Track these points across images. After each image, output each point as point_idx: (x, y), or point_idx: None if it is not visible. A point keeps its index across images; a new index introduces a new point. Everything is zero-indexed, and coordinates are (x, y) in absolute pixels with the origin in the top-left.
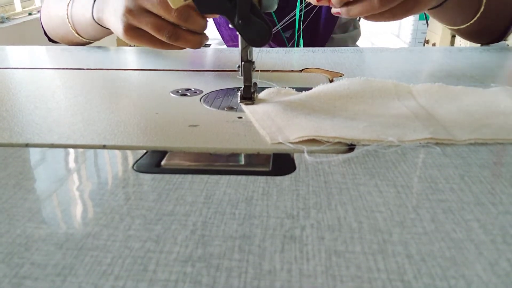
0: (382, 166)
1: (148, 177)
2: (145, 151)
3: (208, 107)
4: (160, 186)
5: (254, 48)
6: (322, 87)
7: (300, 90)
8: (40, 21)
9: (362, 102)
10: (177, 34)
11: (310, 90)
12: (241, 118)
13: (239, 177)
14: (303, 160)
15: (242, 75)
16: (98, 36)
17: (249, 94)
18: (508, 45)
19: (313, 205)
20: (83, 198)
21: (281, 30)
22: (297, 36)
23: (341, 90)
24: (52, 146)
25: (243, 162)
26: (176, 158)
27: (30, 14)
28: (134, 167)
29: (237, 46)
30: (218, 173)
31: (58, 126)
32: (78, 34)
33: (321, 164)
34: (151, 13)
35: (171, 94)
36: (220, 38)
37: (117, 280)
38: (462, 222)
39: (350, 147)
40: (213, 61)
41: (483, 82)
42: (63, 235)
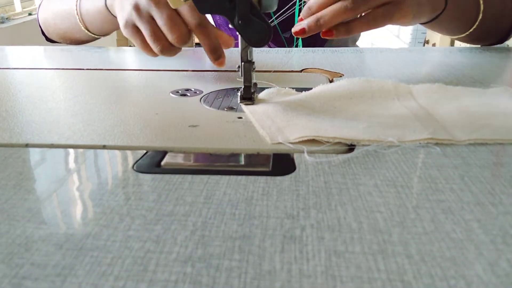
0: (382, 166)
1: (148, 177)
2: (145, 151)
3: (208, 107)
4: (160, 186)
5: (254, 48)
6: (322, 88)
7: (300, 90)
8: (37, 20)
9: (362, 102)
10: (169, 49)
11: (310, 90)
12: (241, 118)
13: (239, 177)
14: (303, 160)
15: (242, 76)
16: (104, 28)
17: (249, 94)
18: (508, 45)
19: (313, 205)
20: (83, 198)
21: (280, 31)
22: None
23: (341, 91)
24: (52, 146)
25: (243, 162)
26: (176, 158)
27: (30, 14)
28: (134, 167)
29: (236, 47)
30: (218, 173)
31: (58, 126)
32: (84, 27)
33: (321, 164)
34: (155, 21)
35: (171, 94)
36: None
37: (117, 280)
38: (462, 222)
39: (350, 147)
40: None
41: (483, 83)
42: (63, 236)
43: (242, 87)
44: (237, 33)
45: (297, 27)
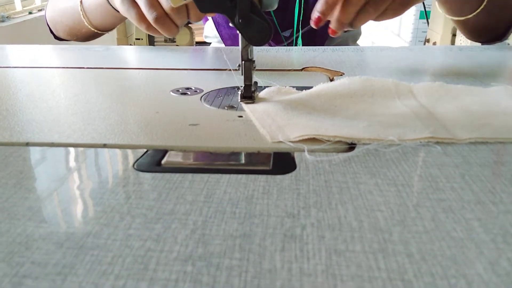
0: (383, 165)
1: (148, 176)
2: (145, 150)
3: (208, 106)
4: (160, 185)
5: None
6: (322, 86)
7: (300, 89)
8: (45, 19)
9: (363, 101)
10: (163, 20)
11: (311, 89)
12: (241, 117)
13: (240, 176)
14: (304, 159)
15: (242, 74)
16: (106, 22)
17: (249, 93)
18: (508, 44)
19: (313, 204)
20: (84, 197)
21: (279, 30)
22: (295, 35)
23: (341, 89)
24: (52, 145)
25: (244, 161)
26: (176, 157)
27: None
28: (135, 166)
29: (236, 46)
30: (218, 172)
31: (58, 125)
32: (88, 22)
33: (321, 163)
34: None
35: (172, 93)
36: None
37: (117, 279)
38: (462, 221)
39: (351, 146)
40: (213, 60)
41: (484, 81)
42: (64, 234)
43: (243, 86)
44: (237, 32)
45: (313, 16)
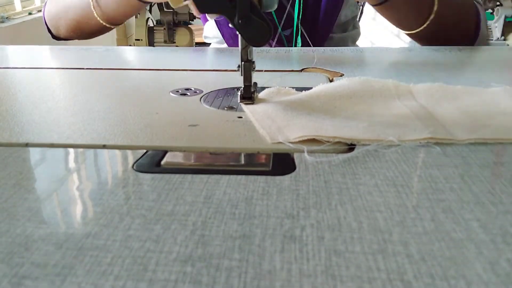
0: (382, 166)
1: (148, 176)
2: (145, 151)
3: (208, 107)
4: (160, 185)
5: (254, 47)
6: (322, 87)
7: (300, 89)
8: (43, 17)
9: (362, 102)
10: None
11: (310, 90)
12: (241, 117)
13: (239, 176)
14: (303, 159)
15: (242, 75)
16: (120, 11)
17: (249, 94)
18: (508, 44)
19: (313, 204)
20: (83, 198)
21: (280, 29)
22: (295, 34)
23: (341, 90)
24: (52, 145)
25: (243, 162)
26: (176, 157)
27: (30, 13)
28: (134, 167)
29: (238, 45)
30: (218, 172)
31: (58, 125)
32: (98, 14)
33: (321, 163)
34: None
35: (171, 93)
36: (220, 36)
37: (117, 280)
38: (462, 221)
39: (350, 147)
40: (213, 60)
41: (483, 82)
42: (63, 235)
43: (242, 87)
44: (237, 32)
45: None
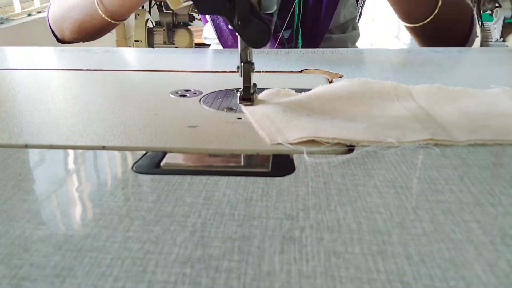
0: (382, 167)
1: (147, 178)
2: (144, 152)
3: (207, 108)
4: (159, 187)
5: (253, 49)
6: (321, 88)
7: (299, 91)
8: (47, 22)
9: (362, 103)
10: None
11: (310, 91)
12: (240, 119)
13: (239, 178)
14: (303, 161)
15: (241, 76)
16: (125, 5)
17: (248, 95)
18: (507, 46)
19: (312, 206)
20: (82, 199)
21: (280, 29)
22: (295, 34)
23: (340, 91)
24: (51, 147)
25: (243, 163)
26: (175, 159)
27: (29, 15)
28: (134, 168)
29: (236, 46)
30: (217, 174)
31: (57, 127)
32: (103, 11)
33: (320, 165)
34: None
35: (171, 95)
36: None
37: (116, 281)
38: (461, 223)
39: (350, 148)
40: (212, 61)
41: (482, 83)
42: (62, 236)
43: (242, 88)
44: (236, 33)
45: None
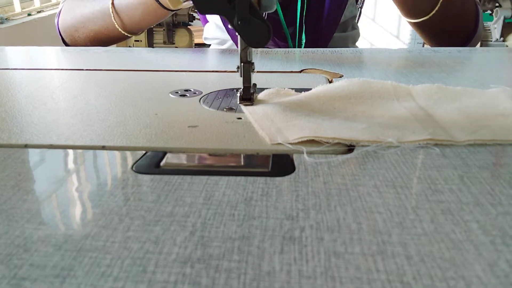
0: (382, 167)
1: (147, 178)
2: (144, 152)
3: (207, 108)
4: (159, 187)
5: (253, 48)
6: (321, 88)
7: (299, 90)
8: (57, 28)
9: (362, 103)
10: None
11: (310, 91)
12: (240, 119)
13: (238, 178)
14: (303, 161)
15: (241, 76)
16: (144, 21)
17: (248, 95)
18: (507, 46)
19: (312, 206)
20: (82, 199)
21: (285, 26)
22: (298, 32)
23: (340, 91)
24: (51, 147)
25: (243, 163)
26: (175, 159)
27: (29, 14)
28: (133, 168)
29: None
30: (217, 174)
31: (57, 127)
32: (119, 24)
33: (320, 165)
34: None
35: (170, 94)
36: (220, 37)
37: (116, 281)
38: (461, 223)
39: (350, 148)
40: (212, 61)
41: (482, 83)
42: (62, 236)
43: (242, 88)
44: (236, 33)
45: None
